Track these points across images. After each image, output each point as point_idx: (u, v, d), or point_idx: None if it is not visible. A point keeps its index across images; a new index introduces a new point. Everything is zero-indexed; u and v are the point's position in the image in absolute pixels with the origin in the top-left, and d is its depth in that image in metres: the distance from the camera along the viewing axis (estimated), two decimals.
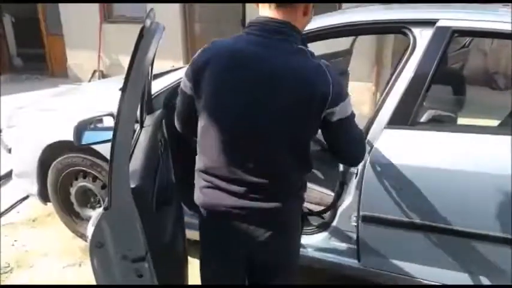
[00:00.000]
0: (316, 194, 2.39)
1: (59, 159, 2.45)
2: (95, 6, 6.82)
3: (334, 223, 1.92)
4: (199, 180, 1.36)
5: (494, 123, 2.32)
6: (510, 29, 1.60)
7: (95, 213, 1.26)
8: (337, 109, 1.20)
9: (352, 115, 1.28)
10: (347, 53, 4.09)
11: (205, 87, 1.22)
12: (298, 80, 1.16)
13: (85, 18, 6.89)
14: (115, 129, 1.08)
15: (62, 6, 7.26)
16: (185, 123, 1.42)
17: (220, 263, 1.44)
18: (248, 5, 5.61)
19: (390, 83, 1.82)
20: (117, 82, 2.29)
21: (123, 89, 1.08)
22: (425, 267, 1.79)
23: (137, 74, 1.09)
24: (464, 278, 1.74)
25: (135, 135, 1.73)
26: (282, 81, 1.17)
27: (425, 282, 1.80)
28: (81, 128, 1.89)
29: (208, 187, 1.32)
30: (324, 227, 1.98)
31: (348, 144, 1.32)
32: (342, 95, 1.21)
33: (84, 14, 6.89)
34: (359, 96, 5.08)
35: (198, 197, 1.37)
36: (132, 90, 1.09)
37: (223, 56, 1.21)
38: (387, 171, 1.71)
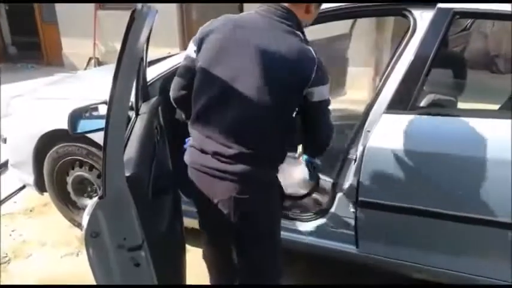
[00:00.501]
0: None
1: (55, 148, 2.43)
2: None
3: (332, 209, 1.91)
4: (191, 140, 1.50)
5: (495, 107, 2.29)
6: (511, 10, 1.57)
7: (91, 203, 1.23)
8: (317, 90, 1.32)
9: (329, 101, 1.38)
10: (346, 38, 4.04)
11: (206, 49, 1.36)
12: (288, 56, 1.29)
13: (80, 6, 6.79)
14: (107, 116, 1.05)
15: None
16: (181, 89, 1.49)
17: (208, 227, 1.61)
18: None
19: (390, 67, 1.79)
20: (113, 69, 2.24)
21: (115, 75, 1.04)
22: (424, 252, 1.78)
23: (129, 58, 1.06)
24: (461, 262, 1.73)
25: (130, 123, 1.70)
26: (274, 54, 1.29)
27: (422, 267, 1.79)
28: (76, 116, 1.86)
29: (192, 146, 1.46)
30: (322, 213, 1.97)
31: (322, 126, 1.42)
32: (323, 79, 1.33)
33: (78, 2, 6.79)
34: (358, 82, 5.03)
35: (186, 155, 1.50)
36: (124, 76, 1.05)
37: (227, 25, 1.36)
38: (386, 156, 1.69)
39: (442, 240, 1.75)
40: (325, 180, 2.11)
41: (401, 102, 1.70)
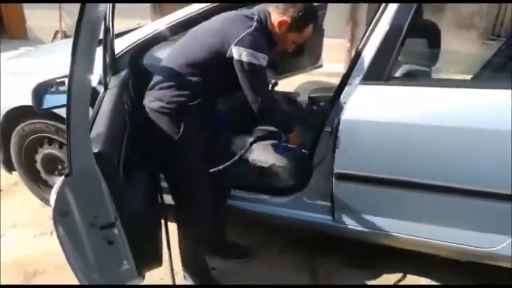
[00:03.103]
0: None
1: (22, 125, 2.33)
2: None
3: (309, 181, 1.92)
4: None
5: (468, 77, 2.31)
6: None
7: (58, 181, 1.19)
8: (237, 49, 1.55)
9: (251, 65, 1.56)
10: (322, 8, 3.97)
11: None
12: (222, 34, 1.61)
13: None
14: (69, 90, 0.99)
15: None
16: None
17: None
18: None
19: (365, 38, 1.76)
20: None
21: (74, 46, 0.98)
22: (399, 221, 1.82)
23: (88, 26, 0.99)
24: (434, 231, 1.78)
25: (98, 97, 1.64)
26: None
27: (397, 235, 1.84)
28: (41, 91, 1.78)
29: None
30: (298, 185, 1.97)
31: (245, 90, 1.63)
32: (248, 43, 1.55)
33: None
34: (334, 53, 5.00)
35: None
36: (84, 47, 0.99)
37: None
38: (362, 128, 1.69)
39: (415, 209, 1.79)
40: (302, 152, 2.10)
41: (376, 73, 1.69)
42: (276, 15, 1.67)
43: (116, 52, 1.91)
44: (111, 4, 1.69)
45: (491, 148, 1.56)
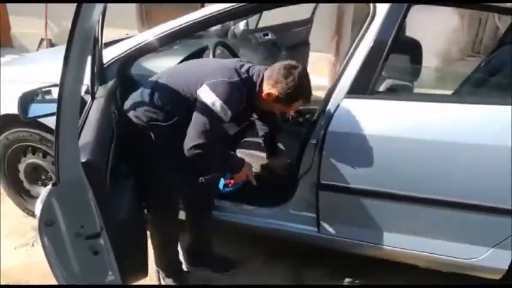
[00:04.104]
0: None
1: (5, 134, 2.30)
2: None
3: (295, 193, 1.94)
4: None
5: (448, 92, 2.38)
6: None
7: (44, 190, 1.18)
8: (203, 88, 1.57)
9: (206, 109, 1.55)
10: (308, 22, 4.05)
11: None
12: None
13: None
14: (59, 99, 1.00)
15: None
16: None
17: None
18: None
19: (350, 52, 1.81)
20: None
21: (66, 56, 0.99)
22: (382, 232, 1.85)
23: (81, 38, 1.00)
24: (417, 242, 1.81)
25: (86, 107, 1.63)
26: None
27: (380, 246, 1.87)
28: (27, 99, 1.77)
29: None
30: (284, 197, 1.99)
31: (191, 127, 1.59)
32: (215, 87, 1.56)
33: None
34: (319, 67, 5.08)
35: None
36: (76, 57, 1.00)
37: None
38: (346, 140, 1.72)
39: (399, 220, 1.82)
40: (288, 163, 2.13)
41: (361, 87, 1.73)
42: (266, 85, 1.65)
43: (104, 62, 1.91)
44: (101, 14, 1.70)
45: (470, 161, 1.61)
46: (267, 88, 1.65)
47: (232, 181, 1.87)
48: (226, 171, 1.87)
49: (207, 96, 1.56)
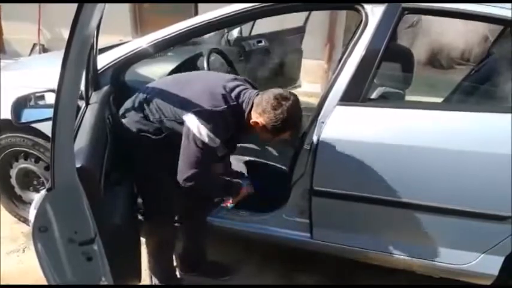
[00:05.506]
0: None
1: None
2: None
3: (288, 199, 1.95)
4: None
5: (438, 100, 2.43)
6: (458, 7, 1.66)
7: (38, 195, 1.18)
8: (187, 117, 1.55)
9: (192, 136, 1.53)
10: (300, 30, 4.09)
11: None
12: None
13: None
14: (56, 105, 1.00)
15: None
16: None
17: None
18: None
19: (342, 60, 1.83)
20: (59, 56, 2.12)
21: (64, 62, 0.99)
22: (375, 238, 1.87)
23: (78, 45, 1.01)
24: (409, 248, 1.83)
25: (80, 112, 1.64)
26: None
27: (373, 252, 1.88)
28: (20, 105, 1.76)
29: None
30: (277, 203, 2.00)
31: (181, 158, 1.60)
32: (202, 115, 1.53)
33: None
34: (312, 75, 5.13)
35: None
36: (73, 64, 1.01)
37: None
38: (339, 147, 1.74)
39: (391, 226, 1.84)
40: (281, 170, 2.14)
41: (353, 95, 1.75)
42: (254, 113, 1.60)
43: (98, 67, 1.92)
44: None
45: (461, 167, 1.63)
46: (254, 116, 1.59)
47: (229, 202, 1.88)
48: (223, 197, 1.88)
49: (193, 125, 1.53)
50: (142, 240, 1.88)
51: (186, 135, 1.56)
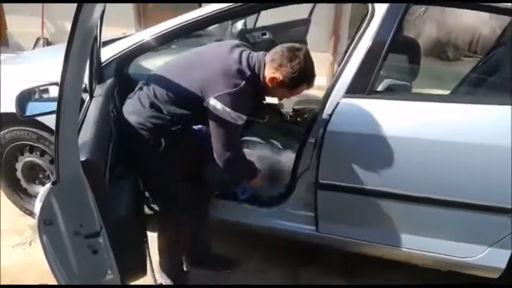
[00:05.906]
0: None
1: (2, 132, 2.29)
2: None
3: (293, 192, 1.94)
4: None
5: (446, 92, 2.40)
6: None
7: (43, 189, 1.18)
8: (212, 102, 1.54)
9: (221, 117, 1.55)
10: (306, 22, 4.05)
11: None
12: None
13: None
14: (59, 98, 1.00)
15: None
16: None
17: None
18: None
19: (348, 52, 1.81)
20: (62, 49, 2.11)
21: (66, 55, 0.98)
22: (381, 231, 1.86)
23: (81, 38, 1.00)
24: (415, 241, 1.82)
25: (84, 105, 1.63)
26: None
27: (379, 245, 1.87)
28: (24, 98, 1.76)
29: None
30: (283, 196, 1.99)
31: (213, 139, 1.63)
32: (224, 99, 1.54)
33: None
34: (317, 66, 5.09)
35: None
36: (76, 56, 1.00)
37: None
38: (345, 140, 1.73)
39: (397, 219, 1.82)
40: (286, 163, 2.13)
41: (359, 87, 1.73)
42: (269, 69, 1.61)
43: (102, 60, 1.91)
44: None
45: (468, 160, 1.62)
46: (270, 72, 1.60)
47: (256, 181, 1.91)
48: (246, 178, 1.90)
49: (219, 110, 1.54)
50: (150, 234, 1.87)
51: (215, 120, 1.58)
